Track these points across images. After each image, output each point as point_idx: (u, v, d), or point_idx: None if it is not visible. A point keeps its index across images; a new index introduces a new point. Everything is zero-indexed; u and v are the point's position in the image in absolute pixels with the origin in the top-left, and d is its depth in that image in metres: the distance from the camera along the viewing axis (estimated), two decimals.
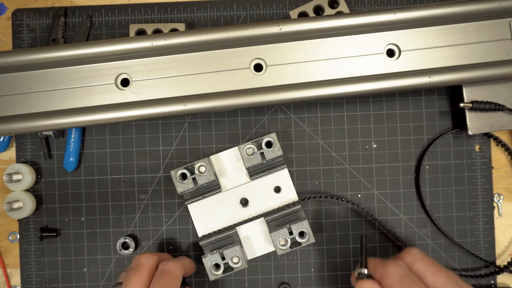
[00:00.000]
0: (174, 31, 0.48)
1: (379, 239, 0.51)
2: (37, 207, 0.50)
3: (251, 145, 0.46)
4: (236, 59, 0.46)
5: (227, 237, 0.47)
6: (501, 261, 0.51)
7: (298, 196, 0.49)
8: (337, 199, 0.50)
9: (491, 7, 0.45)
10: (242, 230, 0.48)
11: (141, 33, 0.50)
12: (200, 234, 0.49)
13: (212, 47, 0.46)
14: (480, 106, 0.47)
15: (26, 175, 0.49)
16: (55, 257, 0.51)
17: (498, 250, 0.51)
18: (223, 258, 0.46)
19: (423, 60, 0.46)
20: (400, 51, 0.46)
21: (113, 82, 0.46)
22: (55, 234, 0.50)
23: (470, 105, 0.47)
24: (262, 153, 0.46)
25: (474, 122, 0.48)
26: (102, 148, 0.51)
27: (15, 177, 0.49)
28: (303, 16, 0.50)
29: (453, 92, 0.51)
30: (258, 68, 0.46)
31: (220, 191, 0.49)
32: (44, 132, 0.49)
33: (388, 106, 0.51)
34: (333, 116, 0.51)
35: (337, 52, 0.46)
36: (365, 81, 0.45)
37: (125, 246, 0.50)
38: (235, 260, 0.46)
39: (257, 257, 0.49)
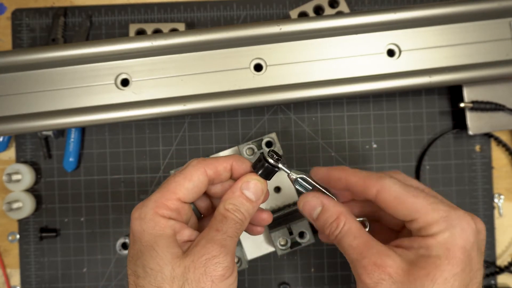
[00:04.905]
0: (174, 31, 0.48)
1: None
2: (36, 207, 0.50)
3: (251, 145, 0.46)
4: (236, 59, 0.46)
5: None
6: (501, 261, 0.51)
7: (298, 196, 0.49)
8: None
9: (491, 7, 0.45)
10: None
11: (141, 33, 0.50)
12: None
13: (212, 47, 0.46)
14: (480, 106, 0.47)
15: (25, 175, 0.49)
16: (55, 257, 0.51)
17: (498, 250, 0.51)
18: None
19: (423, 60, 0.46)
20: (400, 51, 0.46)
21: (113, 82, 0.46)
22: (54, 234, 0.50)
23: (471, 105, 0.47)
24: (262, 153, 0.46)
25: (475, 122, 0.48)
26: (102, 148, 0.51)
27: (14, 177, 0.48)
28: (303, 16, 0.49)
29: (454, 92, 0.51)
30: (258, 68, 0.46)
31: None
32: (44, 132, 0.49)
33: (388, 106, 0.51)
34: (333, 116, 0.51)
35: (337, 52, 0.46)
36: (365, 81, 0.45)
37: (125, 246, 0.50)
38: (235, 260, 0.46)
39: (257, 257, 0.49)
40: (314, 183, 0.36)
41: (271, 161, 0.34)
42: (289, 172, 0.36)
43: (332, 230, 0.34)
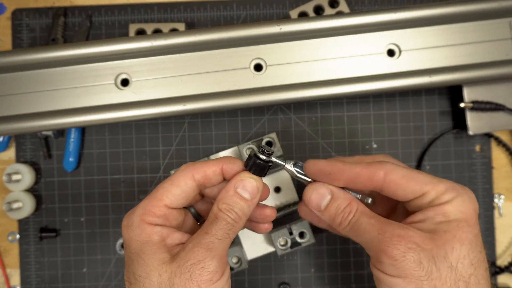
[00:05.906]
0: (174, 31, 0.48)
1: None
2: (36, 207, 0.50)
3: (251, 145, 0.46)
4: (236, 59, 0.46)
5: None
6: (501, 261, 0.51)
7: (298, 196, 0.49)
8: None
9: (491, 7, 0.45)
10: (242, 230, 0.48)
11: (141, 33, 0.50)
12: None
13: (212, 47, 0.46)
14: (480, 106, 0.47)
15: (25, 175, 0.49)
16: (55, 257, 0.51)
17: (498, 250, 0.51)
18: None
19: (423, 60, 0.46)
20: (400, 51, 0.46)
21: (113, 82, 0.46)
22: (54, 234, 0.50)
23: (471, 105, 0.47)
24: None
25: (475, 122, 0.48)
26: (102, 148, 0.51)
27: (14, 177, 0.48)
28: (303, 16, 0.49)
29: (454, 92, 0.51)
30: (258, 68, 0.46)
31: None
32: (44, 132, 0.49)
33: (388, 106, 0.51)
34: (333, 116, 0.51)
35: (337, 52, 0.46)
36: (365, 81, 0.45)
37: None
38: (235, 260, 0.46)
39: (257, 257, 0.49)
40: (307, 178, 0.35)
41: (262, 156, 0.34)
42: (283, 163, 0.35)
43: (345, 216, 0.33)
